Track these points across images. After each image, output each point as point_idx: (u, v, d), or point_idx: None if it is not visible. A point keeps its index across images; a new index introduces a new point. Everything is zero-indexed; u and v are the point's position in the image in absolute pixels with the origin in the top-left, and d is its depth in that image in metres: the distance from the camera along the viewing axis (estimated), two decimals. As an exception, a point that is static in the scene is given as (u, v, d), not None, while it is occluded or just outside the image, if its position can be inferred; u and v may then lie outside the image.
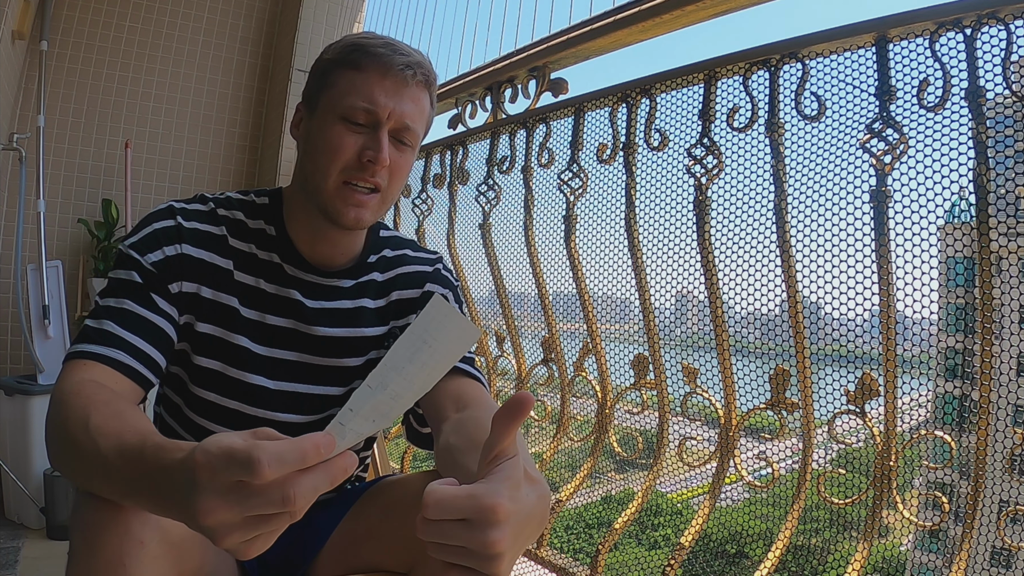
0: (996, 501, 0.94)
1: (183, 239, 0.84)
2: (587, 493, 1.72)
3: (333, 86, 0.83)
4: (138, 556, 0.63)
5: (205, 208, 0.88)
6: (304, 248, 0.90)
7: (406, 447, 2.09)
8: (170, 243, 0.83)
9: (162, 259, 0.82)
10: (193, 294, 0.85)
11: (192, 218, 0.86)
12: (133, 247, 0.82)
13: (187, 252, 0.84)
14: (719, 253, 1.25)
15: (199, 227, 0.86)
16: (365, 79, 0.82)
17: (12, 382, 2.44)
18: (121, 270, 0.82)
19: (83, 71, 2.92)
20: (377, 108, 0.81)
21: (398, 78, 0.82)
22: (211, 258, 0.86)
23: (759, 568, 1.18)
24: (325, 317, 0.91)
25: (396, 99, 0.82)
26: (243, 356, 0.88)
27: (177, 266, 0.83)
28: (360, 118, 0.82)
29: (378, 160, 0.81)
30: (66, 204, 2.91)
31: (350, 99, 0.81)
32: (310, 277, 0.91)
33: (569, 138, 1.53)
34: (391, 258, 0.97)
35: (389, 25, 3.09)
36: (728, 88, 1.24)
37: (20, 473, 2.35)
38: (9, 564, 2.02)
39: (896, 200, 1.03)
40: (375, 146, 0.81)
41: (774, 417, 1.19)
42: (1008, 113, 0.95)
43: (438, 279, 0.98)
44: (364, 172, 0.82)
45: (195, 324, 0.86)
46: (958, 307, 1.06)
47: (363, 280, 0.94)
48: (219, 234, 0.87)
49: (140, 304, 0.80)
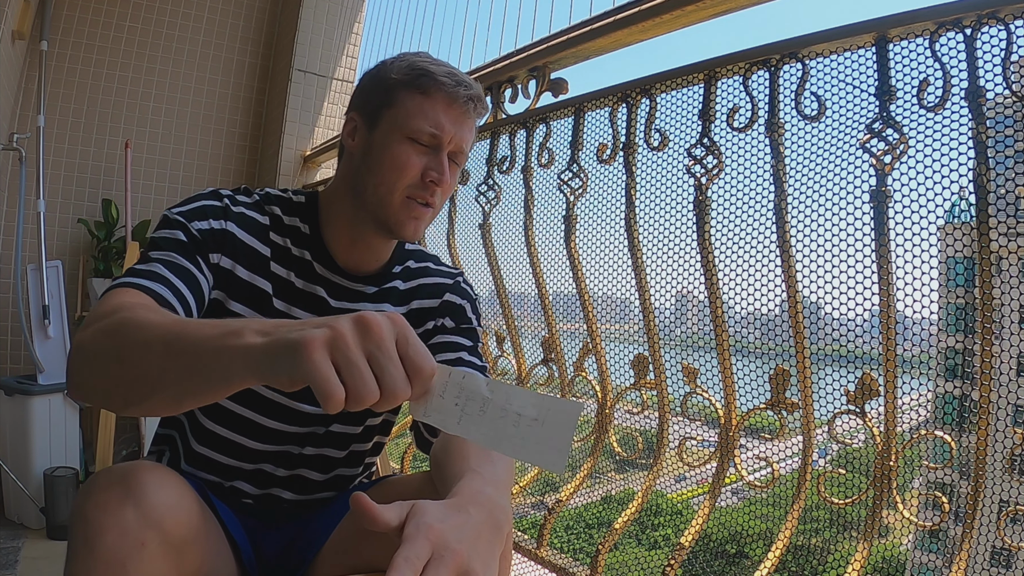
0: (996, 501, 0.94)
1: (229, 218, 0.88)
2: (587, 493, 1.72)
3: (398, 106, 0.89)
4: (138, 557, 0.63)
5: (250, 199, 0.93)
6: (338, 250, 0.94)
7: (406, 447, 2.09)
8: (217, 218, 0.87)
9: (208, 229, 0.85)
10: (229, 271, 0.87)
11: (239, 204, 0.91)
12: (181, 214, 0.85)
13: (231, 230, 0.87)
14: (719, 253, 1.25)
15: (246, 212, 0.90)
16: (432, 105, 0.88)
17: (12, 382, 2.44)
18: (166, 230, 0.84)
19: (83, 71, 2.92)
20: (442, 133, 0.88)
21: (462, 109, 0.89)
22: (252, 242, 0.89)
23: (759, 568, 1.18)
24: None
25: (458, 127, 0.89)
26: None
27: (221, 239, 0.86)
28: (424, 139, 0.88)
29: (441, 182, 0.88)
30: (66, 204, 2.91)
31: (417, 122, 0.87)
32: (336, 278, 0.94)
33: (569, 138, 1.53)
34: (414, 269, 1.01)
35: (389, 25, 3.09)
36: (728, 88, 1.24)
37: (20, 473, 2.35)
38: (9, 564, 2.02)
39: (896, 200, 1.03)
40: (438, 168, 0.88)
41: (774, 417, 1.19)
42: (1008, 113, 0.94)
43: (458, 291, 1.02)
44: (426, 191, 0.89)
45: (227, 302, 0.88)
46: (958, 307, 1.06)
47: (386, 287, 0.98)
48: (264, 223, 0.92)
49: (185, 258, 0.82)
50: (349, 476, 1.02)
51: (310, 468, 0.97)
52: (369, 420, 0.99)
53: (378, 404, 0.51)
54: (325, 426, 0.95)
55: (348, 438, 0.98)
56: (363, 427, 0.99)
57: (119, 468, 0.70)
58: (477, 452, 0.69)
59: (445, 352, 0.94)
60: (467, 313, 1.01)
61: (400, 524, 0.52)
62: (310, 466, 0.97)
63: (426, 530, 0.50)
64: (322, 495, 1.00)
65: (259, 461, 0.94)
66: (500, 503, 0.59)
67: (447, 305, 1.00)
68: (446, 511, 0.54)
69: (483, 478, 0.62)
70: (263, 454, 0.93)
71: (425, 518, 0.51)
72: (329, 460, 0.98)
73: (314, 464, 0.97)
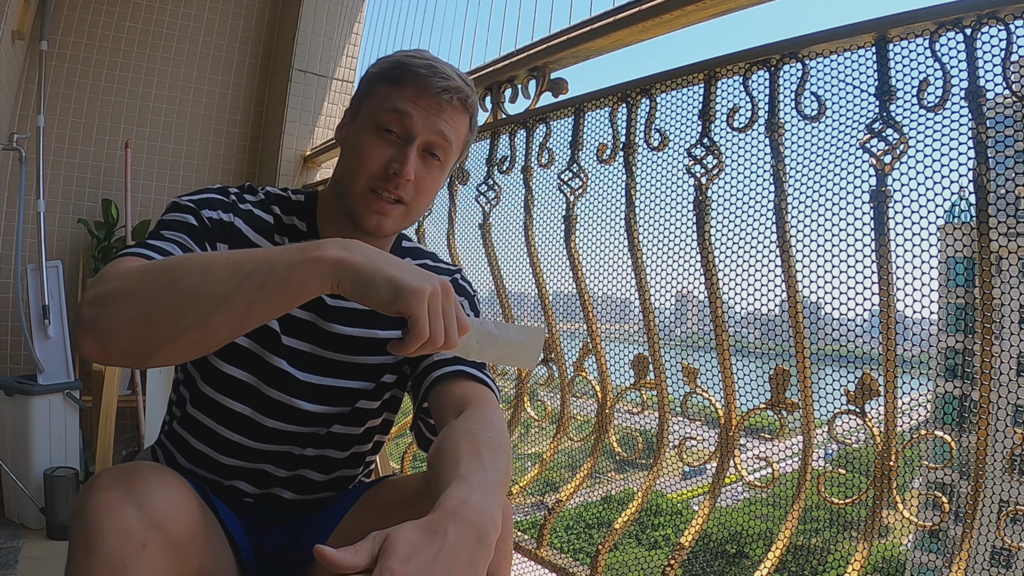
0: (996, 501, 0.94)
1: (237, 214, 0.88)
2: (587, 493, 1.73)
3: (372, 96, 0.88)
4: (138, 558, 0.63)
5: (256, 197, 0.93)
6: None
7: (406, 447, 2.09)
8: (226, 211, 0.87)
9: (217, 219, 0.86)
10: None
11: (247, 202, 0.91)
12: (192, 201, 0.85)
13: (238, 226, 0.87)
14: (719, 253, 1.25)
15: (253, 210, 0.90)
16: (402, 95, 0.85)
17: (12, 382, 2.44)
18: (177, 212, 0.83)
19: (83, 71, 2.92)
20: (410, 123, 0.85)
21: (433, 100, 0.86)
22: (256, 238, 0.89)
23: (759, 568, 1.18)
24: (342, 316, 0.93)
25: (430, 118, 0.86)
26: (273, 339, 0.90)
27: (227, 231, 0.86)
28: (394, 129, 0.85)
29: (402, 173, 0.84)
30: (66, 204, 2.91)
31: (384, 112, 0.85)
32: None
33: (569, 138, 1.53)
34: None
35: (389, 25, 3.09)
36: (728, 88, 1.24)
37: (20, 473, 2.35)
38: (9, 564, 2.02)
39: (896, 200, 1.03)
40: (401, 159, 0.85)
41: (774, 417, 1.19)
42: (1008, 113, 0.94)
43: (456, 288, 1.00)
44: (389, 183, 0.86)
45: None
46: (958, 307, 1.06)
47: None
48: (269, 222, 0.91)
49: (195, 242, 0.82)
50: (350, 476, 1.02)
51: (311, 469, 0.97)
52: (370, 421, 0.99)
53: (440, 347, 0.67)
54: (326, 427, 0.95)
55: (350, 439, 0.98)
56: (364, 428, 0.99)
57: (120, 468, 0.70)
58: (468, 456, 0.68)
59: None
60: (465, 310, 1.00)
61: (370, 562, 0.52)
62: (311, 467, 0.96)
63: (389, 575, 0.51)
64: (323, 495, 1.00)
65: (260, 461, 0.94)
66: (486, 509, 0.59)
67: None
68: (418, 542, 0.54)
69: (470, 484, 0.62)
70: (264, 454, 0.93)
71: (389, 562, 0.51)
72: (331, 461, 0.98)
73: (316, 465, 0.97)
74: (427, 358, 0.91)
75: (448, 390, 0.86)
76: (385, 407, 1.01)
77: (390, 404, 1.02)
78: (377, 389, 0.97)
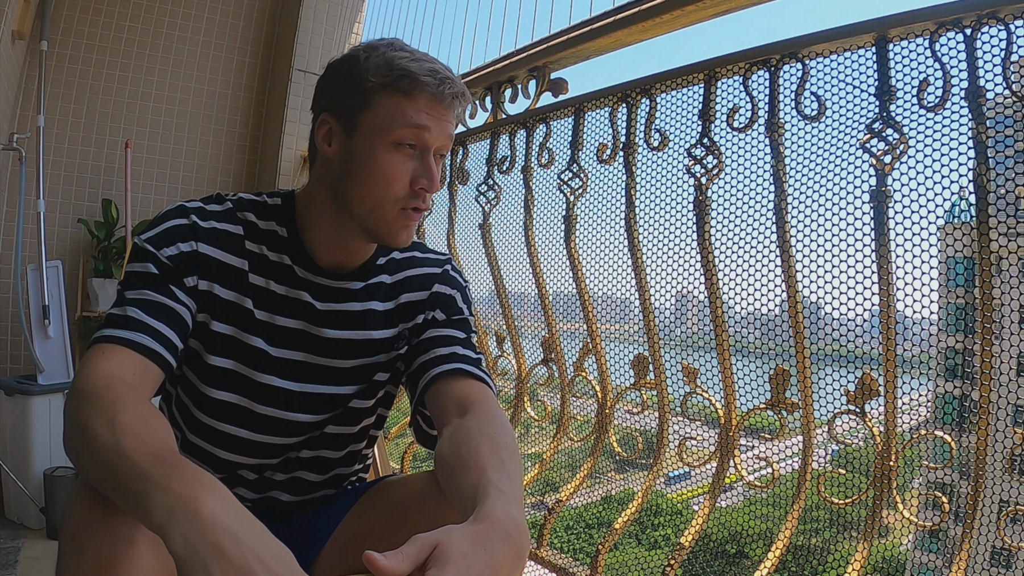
0: (996, 501, 0.94)
1: (198, 237, 0.85)
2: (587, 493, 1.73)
3: (377, 107, 0.83)
4: (128, 556, 0.63)
5: (222, 208, 0.89)
6: (319, 252, 0.90)
7: (406, 447, 2.09)
8: (184, 240, 0.84)
9: (177, 254, 0.83)
10: (207, 292, 0.85)
11: (209, 217, 0.87)
12: (149, 241, 0.83)
13: (202, 251, 0.84)
14: (719, 253, 1.25)
15: (216, 226, 0.86)
16: (415, 108, 0.83)
17: (12, 382, 2.44)
18: (137, 263, 0.82)
19: (83, 71, 2.92)
20: (426, 134, 0.83)
21: (447, 109, 0.85)
22: (226, 258, 0.86)
23: (759, 568, 1.18)
24: (334, 319, 0.91)
25: (443, 126, 0.85)
26: (259, 357, 0.88)
27: (192, 262, 0.84)
28: (411, 142, 0.83)
29: (432, 188, 0.84)
30: (66, 204, 2.91)
31: (399, 127, 0.82)
32: (320, 280, 0.91)
33: (569, 138, 1.53)
34: (400, 260, 0.98)
35: (389, 25, 3.09)
36: (728, 88, 1.24)
37: (20, 473, 2.35)
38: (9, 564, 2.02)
39: (896, 200, 1.03)
40: (427, 175, 0.84)
41: (774, 417, 1.19)
42: (1008, 113, 0.94)
43: (446, 280, 0.98)
44: (417, 198, 0.85)
45: (210, 323, 0.86)
46: (958, 307, 1.06)
47: (372, 282, 0.94)
48: (238, 234, 0.88)
49: (159, 293, 0.80)
50: (346, 474, 1.02)
51: (308, 470, 0.97)
52: (364, 420, 0.99)
53: None
54: (320, 429, 0.95)
55: (344, 438, 0.98)
56: (359, 427, 0.99)
57: None
58: (492, 460, 0.67)
59: (438, 347, 0.91)
60: (458, 303, 0.98)
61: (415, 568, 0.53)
62: (308, 468, 0.96)
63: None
64: (320, 494, 1.00)
65: (260, 471, 0.94)
66: (523, 525, 0.59)
67: (436, 296, 0.97)
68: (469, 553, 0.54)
69: (507, 498, 0.61)
70: (264, 466, 0.94)
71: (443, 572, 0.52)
72: (327, 461, 0.98)
73: (312, 466, 0.97)
74: (422, 354, 0.91)
75: (447, 388, 0.85)
76: (379, 404, 1.00)
77: (384, 401, 1.01)
78: (370, 388, 0.96)
